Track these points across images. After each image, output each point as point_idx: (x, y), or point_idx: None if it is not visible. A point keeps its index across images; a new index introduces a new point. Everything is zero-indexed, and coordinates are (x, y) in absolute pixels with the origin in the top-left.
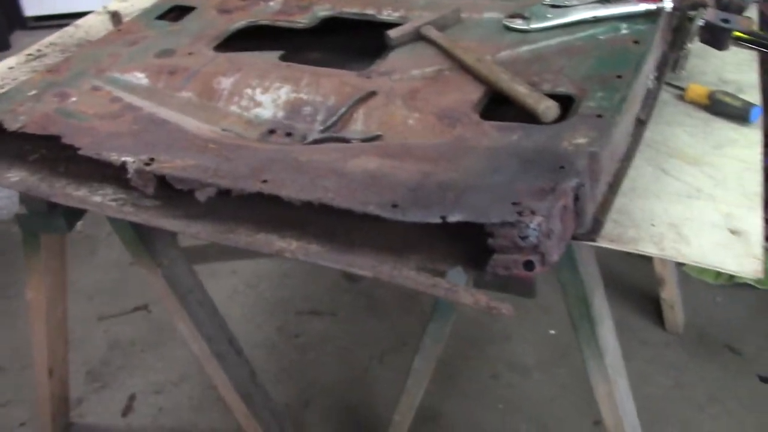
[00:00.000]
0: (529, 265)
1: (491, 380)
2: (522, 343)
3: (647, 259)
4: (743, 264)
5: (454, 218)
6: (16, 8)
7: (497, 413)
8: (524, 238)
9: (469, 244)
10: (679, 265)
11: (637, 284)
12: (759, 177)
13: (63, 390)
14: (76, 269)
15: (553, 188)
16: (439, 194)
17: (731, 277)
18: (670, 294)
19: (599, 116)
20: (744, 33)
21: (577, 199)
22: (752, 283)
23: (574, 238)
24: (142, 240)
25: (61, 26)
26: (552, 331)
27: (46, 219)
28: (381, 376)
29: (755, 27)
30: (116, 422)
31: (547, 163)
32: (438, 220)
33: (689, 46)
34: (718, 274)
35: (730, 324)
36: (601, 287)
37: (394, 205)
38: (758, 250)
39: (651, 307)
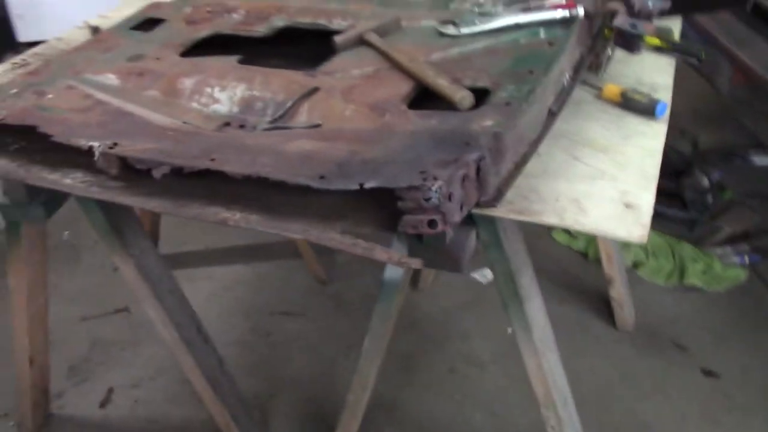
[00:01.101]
0: (432, 224)
1: (448, 374)
2: (480, 340)
3: (599, 262)
4: (632, 232)
5: (369, 184)
6: (9, 34)
7: (453, 404)
8: (427, 199)
9: (389, 213)
10: (633, 268)
11: (591, 286)
12: (657, 162)
13: (43, 380)
14: (62, 274)
15: (456, 159)
16: (361, 167)
17: (681, 279)
18: (619, 293)
19: (507, 104)
20: (662, 41)
21: (479, 170)
22: (700, 285)
23: (478, 205)
24: (115, 231)
25: None
26: (510, 329)
27: (26, 208)
28: (347, 369)
29: (675, 37)
30: (94, 413)
31: (456, 141)
32: (356, 187)
33: (610, 51)
34: (669, 277)
35: (677, 323)
36: (529, 267)
37: (322, 177)
38: (646, 220)
39: (604, 307)
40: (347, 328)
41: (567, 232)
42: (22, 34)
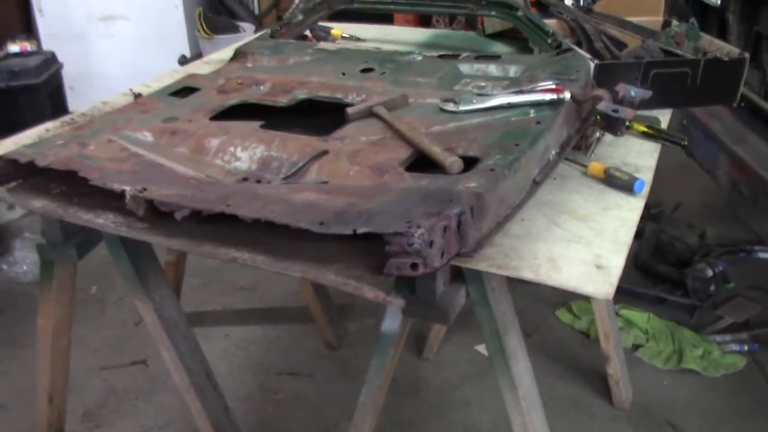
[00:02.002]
0: (414, 267)
1: None
2: (480, 411)
3: (599, 342)
4: (598, 289)
5: (361, 230)
6: (62, 103)
7: None
8: (411, 244)
9: (377, 259)
10: (633, 350)
11: (591, 365)
12: (631, 232)
13: (59, 420)
14: (87, 326)
15: (439, 212)
16: (356, 216)
17: (679, 362)
18: (615, 370)
19: (492, 170)
20: (649, 128)
21: (460, 224)
22: (697, 369)
23: (459, 255)
24: (139, 276)
25: None
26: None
27: (61, 249)
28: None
29: (662, 126)
30: None
31: (442, 198)
32: (350, 232)
33: (598, 134)
34: (668, 360)
35: (673, 404)
36: (516, 327)
37: (321, 223)
38: (614, 280)
39: (602, 385)
40: (352, 392)
41: (571, 312)
42: (73, 104)
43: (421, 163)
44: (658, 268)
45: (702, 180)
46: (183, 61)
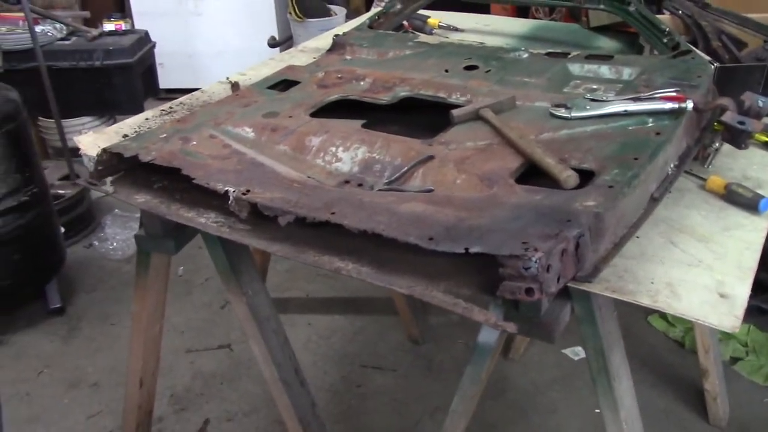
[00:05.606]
0: (530, 292)
1: None
2: (567, 416)
3: (696, 352)
4: (723, 321)
5: (474, 249)
6: (154, 81)
7: None
8: (527, 269)
9: (488, 277)
10: (731, 363)
11: (686, 376)
12: (756, 256)
13: (149, 403)
14: (173, 307)
15: (557, 234)
16: (467, 233)
17: None
18: (713, 385)
19: (610, 187)
20: None
21: (578, 246)
22: None
23: (575, 279)
24: (233, 271)
25: None
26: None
27: (159, 240)
28: (430, 429)
29: None
30: None
31: (559, 217)
32: (462, 250)
33: (717, 144)
34: None
35: None
36: (620, 346)
37: (430, 238)
38: (740, 312)
39: (697, 398)
40: (436, 389)
41: (665, 318)
42: (163, 81)
43: (530, 172)
44: (759, 275)
45: None
46: (273, 43)
